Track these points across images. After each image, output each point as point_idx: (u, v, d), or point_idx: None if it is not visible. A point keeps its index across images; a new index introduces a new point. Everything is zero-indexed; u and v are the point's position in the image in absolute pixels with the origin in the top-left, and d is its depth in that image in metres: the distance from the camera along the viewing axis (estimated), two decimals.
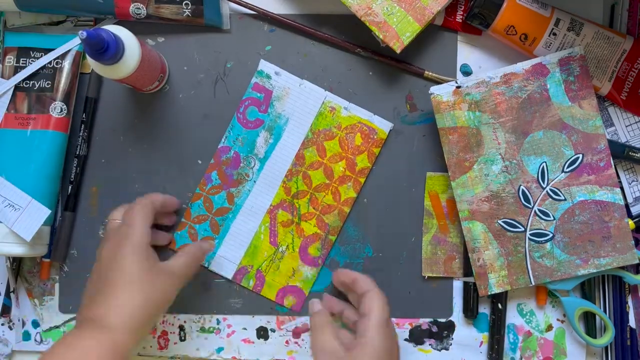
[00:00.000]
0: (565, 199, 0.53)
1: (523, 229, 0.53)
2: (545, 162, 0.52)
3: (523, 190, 0.53)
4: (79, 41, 0.52)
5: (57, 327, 0.57)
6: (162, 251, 0.55)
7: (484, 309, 0.56)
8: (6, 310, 0.56)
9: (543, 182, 0.53)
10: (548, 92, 0.52)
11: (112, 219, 0.51)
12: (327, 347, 0.47)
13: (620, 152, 0.53)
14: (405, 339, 0.56)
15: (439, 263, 0.55)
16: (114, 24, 0.54)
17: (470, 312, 0.55)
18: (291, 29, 0.56)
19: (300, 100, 0.55)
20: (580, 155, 0.52)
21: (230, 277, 0.56)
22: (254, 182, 0.55)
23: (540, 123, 0.53)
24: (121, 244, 0.47)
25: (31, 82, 0.54)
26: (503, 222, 0.53)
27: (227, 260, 0.56)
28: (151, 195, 0.52)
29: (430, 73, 0.55)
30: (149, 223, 0.49)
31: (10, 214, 0.52)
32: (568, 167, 0.52)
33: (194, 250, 0.51)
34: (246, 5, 0.55)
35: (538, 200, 0.53)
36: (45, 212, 0.52)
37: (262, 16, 0.56)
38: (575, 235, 0.53)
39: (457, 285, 0.56)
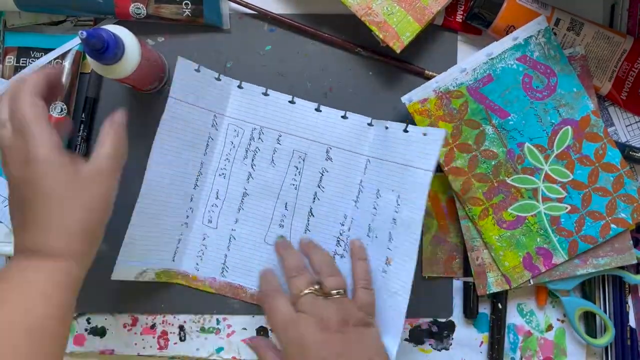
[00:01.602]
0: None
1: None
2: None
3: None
4: (79, 41, 0.52)
5: None
6: None
7: (484, 309, 0.56)
8: None
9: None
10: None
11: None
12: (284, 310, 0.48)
13: (620, 152, 0.53)
14: (405, 339, 0.56)
15: (439, 263, 0.55)
16: (114, 24, 0.54)
17: (470, 312, 0.55)
18: (291, 28, 0.56)
19: None
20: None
21: None
22: None
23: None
24: (28, 161, 0.39)
25: None
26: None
27: None
28: (31, 78, 0.42)
29: (430, 73, 0.55)
30: (47, 117, 0.41)
31: None
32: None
33: (117, 129, 0.44)
34: (246, 5, 0.55)
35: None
36: None
37: (262, 16, 0.56)
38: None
39: (457, 285, 0.56)
